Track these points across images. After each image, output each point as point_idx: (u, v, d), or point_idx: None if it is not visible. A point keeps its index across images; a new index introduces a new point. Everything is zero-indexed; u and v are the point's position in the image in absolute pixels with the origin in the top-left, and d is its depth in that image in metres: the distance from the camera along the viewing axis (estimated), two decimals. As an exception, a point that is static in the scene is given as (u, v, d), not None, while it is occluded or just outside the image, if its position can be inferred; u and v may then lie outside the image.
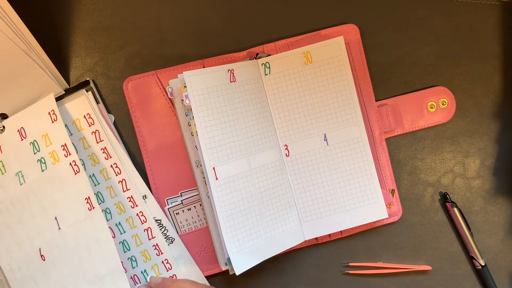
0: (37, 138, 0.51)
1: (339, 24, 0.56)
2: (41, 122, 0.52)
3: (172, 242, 0.54)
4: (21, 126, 0.52)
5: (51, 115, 0.51)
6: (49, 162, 0.51)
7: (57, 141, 0.51)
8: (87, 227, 0.51)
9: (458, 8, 0.58)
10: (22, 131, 0.52)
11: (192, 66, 0.55)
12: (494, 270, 0.57)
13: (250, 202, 0.51)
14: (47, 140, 0.51)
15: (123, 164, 0.54)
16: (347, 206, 0.54)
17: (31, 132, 0.52)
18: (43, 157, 0.51)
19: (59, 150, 0.51)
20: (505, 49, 0.58)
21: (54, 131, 0.51)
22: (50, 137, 0.51)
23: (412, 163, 0.57)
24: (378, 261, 0.57)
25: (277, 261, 0.56)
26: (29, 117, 0.52)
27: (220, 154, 0.50)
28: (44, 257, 0.51)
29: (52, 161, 0.51)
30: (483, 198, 0.58)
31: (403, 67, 0.57)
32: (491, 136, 0.58)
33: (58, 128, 0.51)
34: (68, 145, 0.51)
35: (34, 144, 0.51)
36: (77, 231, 0.51)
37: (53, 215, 0.51)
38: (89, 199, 0.51)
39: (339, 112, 0.54)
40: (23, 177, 0.51)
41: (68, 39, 0.56)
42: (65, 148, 0.51)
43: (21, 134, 0.52)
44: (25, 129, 0.52)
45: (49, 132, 0.51)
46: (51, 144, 0.51)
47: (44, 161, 0.51)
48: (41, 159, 0.51)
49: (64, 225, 0.51)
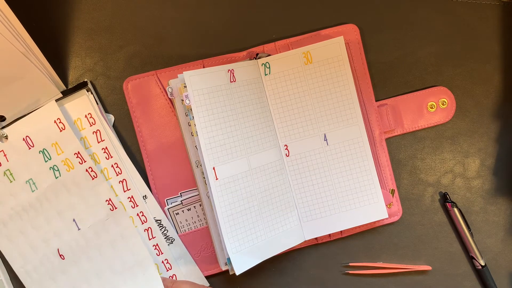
0: (47, 147, 0.52)
1: (339, 24, 0.56)
2: (48, 131, 0.52)
3: (172, 242, 0.54)
4: (26, 134, 0.52)
5: (58, 123, 0.52)
6: (63, 169, 0.52)
7: (69, 150, 0.52)
8: (110, 226, 0.52)
9: (458, 8, 0.58)
10: (28, 140, 0.52)
11: (192, 66, 0.55)
12: (494, 270, 0.57)
13: (250, 202, 0.51)
14: (57, 148, 0.52)
15: (123, 164, 0.54)
16: (347, 206, 0.54)
17: (38, 141, 0.52)
18: (56, 164, 0.52)
19: (73, 158, 0.52)
20: (505, 49, 0.58)
21: (64, 140, 0.52)
22: (60, 146, 0.52)
23: (412, 163, 0.57)
24: (378, 261, 0.57)
25: (277, 261, 0.56)
26: (33, 125, 0.52)
27: (220, 154, 0.50)
28: (63, 256, 0.52)
29: (67, 168, 0.52)
30: (483, 198, 0.58)
31: (403, 67, 0.57)
32: (491, 136, 0.58)
33: (68, 137, 0.52)
34: (82, 153, 0.52)
35: (44, 152, 0.52)
36: (100, 230, 0.52)
37: (71, 217, 0.52)
38: (110, 201, 0.52)
39: (339, 112, 0.54)
40: (35, 184, 0.52)
41: (68, 39, 0.56)
42: (79, 156, 0.52)
43: (28, 143, 0.52)
44: (31, 137, 0.52)
45: (59, 141, 0.52)
46: (63, 153, 0.52)
47: (58, 169, 0.52)
48: (53, 167, 0.52)
49: (83, 226, 0.52)
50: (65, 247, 0.52)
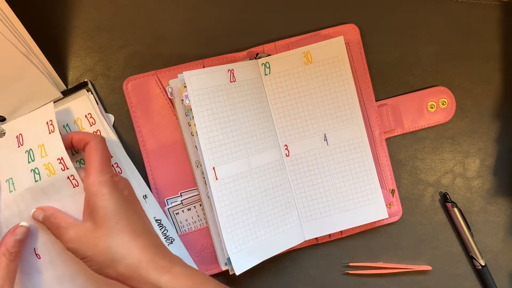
0: (33, 148, 0.50)
1: (339, 24, 0.56)
2: (39, 131, 0.50)
3: (172, 243, 0.54)
4: (19, 132, 0.50)
5: (49, 125, 0.49)
6: (43, 173, 0.49)
7: (53, 154, 0.49)
8: None
9: (458, 8, 0.58)
10: (20, 137, 0.50)
11: (192, 66, 0.55)
12: (494, 270, 0.57)
13: (250, 202, 0.51)
14: (42, 151, 0.49)
15: (123, 164, 0.54)
16: (347, 206, 0.54)
17: (28, 141, 0.50)
18: (37, 167, 0.49)
19: (55, 163, 0.49)
20: (505, 49, 0.58)
21: (50, 143, 0.49)
22: (46, 149, 0.49)
23: (412, 163, 0.57)
24: (378, 261, 0.57)
25: (277, 261, 0.56)
26: (28, 124, 0.51)
27: (220, 154, 0.50)
28: (39, 256, 0.51)
29: (47, 173, 0.49)
30: (483, 198, 0.58)
31: (403, 67, 0.57)
32: (491, 136, 0.58)
33: (54, 140, 0.49)
34: (65, 159, 0.49)
35: (30, 153, 0.50)
36: None
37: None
38: None
39: (339, 112, 0.54)
40: (13, 184, 0.50)
41: (67, 39, 0.56)
42: (61, 162, 0.49)
43: (19, 141, 0.50)
44: (23, 136, 0.50)
45: (45, 143, 0.49)
46: (46, 156, 0.49)
47: (38, 172, 0.49)
48: (35, 170, 0.49)
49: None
50: (42, 247, 0.51)
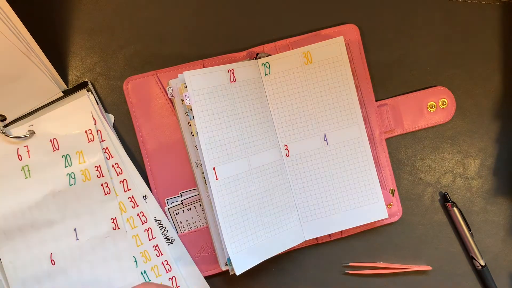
0: (71, 153, 0.52)
1: (339, 24, 0.56)
2: (77, 139, 0.53)
3: (172, 243, 0.54)
4: (53, 137, 0.52)
5: (88, 134, 0.53)
6: (79, 178, 0.52)
7: (92, 161, 0.52)
8: (107, 244, 0.53)
9: (458, 8, 0.58)
10: (54, 142, 0.52)
11: (192, 66, 0.55)
12: (494, 270, 0.57)
13: (250, 202, 0.51)
14: (81, 157, 0.52)
15: (124, 164, 0.54)
16: (347, 206, 0.54)
17: (65, 146, 0.52)
18: (74, 172, 0.52)
19: (92, 169, 0.52)
20: (505, 49, 0.58)
21: (90, 151, 0.53)
22: (84, 156, 0.52)
23: (412, 163, 0.57)
24: (378, 261, 0.57)
25: (277, 261, 0.56)
26: (63, 129, 0.53)
27: (220, 154, 0.50)
28: (53, 262, 0.52)
29: (83, 178, 0.52)
30: (483, 198, 0.58)
31: (403, 67, 0.57)
32: (491, 136, 0.58)
33: (94, 149, 0.53)
34: (103, 167, 0.52)
35: (67, 158, 0.52)
36: (97, 246, 0.52)
37: (73, 226, 0.52)
38: (115, 220, 0.53)
39: (339, 112, 0.54)
40: (47, 186, 0.52)
41: (68, 39, 0.56)
42: (98, 169, 0.52)
43: (54, 145, 0.52)
44: (58, 141, 0.52)
45: (85, 151, 0.52)
46: (85, 162, 0.52)
47: (74, 177, 0.52)
48: (71, 174, 0.52)
49: (83, 237, 0.52)
50: (58, 253, 0.52)
